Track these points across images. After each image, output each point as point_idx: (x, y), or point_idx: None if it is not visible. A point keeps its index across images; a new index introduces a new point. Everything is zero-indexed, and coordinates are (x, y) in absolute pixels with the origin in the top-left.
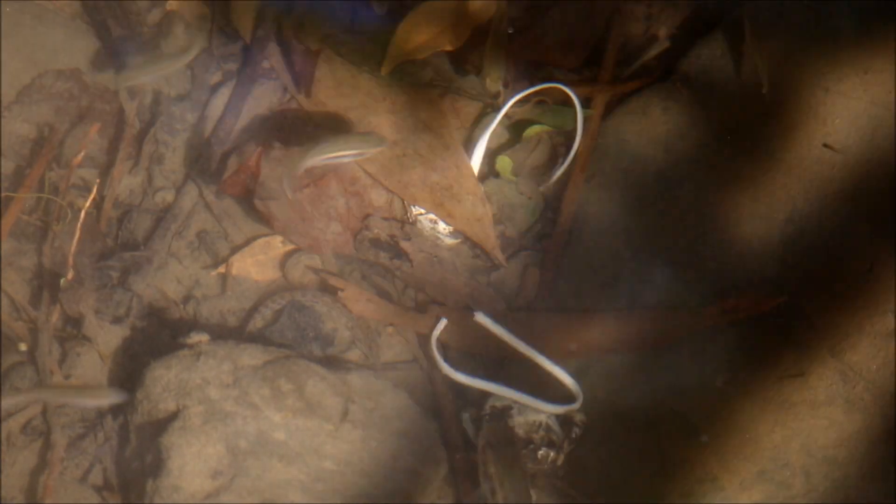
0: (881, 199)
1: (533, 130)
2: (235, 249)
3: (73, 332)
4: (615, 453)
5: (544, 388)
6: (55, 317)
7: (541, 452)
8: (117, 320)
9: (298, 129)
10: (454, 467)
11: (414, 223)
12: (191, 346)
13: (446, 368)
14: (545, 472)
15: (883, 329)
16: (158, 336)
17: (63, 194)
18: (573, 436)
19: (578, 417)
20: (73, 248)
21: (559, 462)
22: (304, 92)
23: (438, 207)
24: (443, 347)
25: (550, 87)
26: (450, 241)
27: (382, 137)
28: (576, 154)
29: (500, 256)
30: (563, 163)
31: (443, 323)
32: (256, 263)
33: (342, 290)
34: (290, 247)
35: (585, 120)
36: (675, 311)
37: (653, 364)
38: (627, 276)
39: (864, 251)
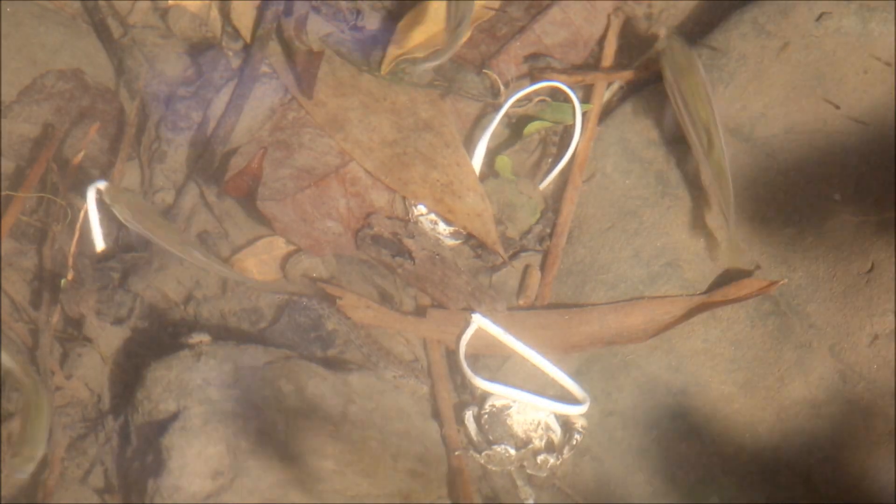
0: None
1: (533, 126)
2: (237, 250)
3: (73, 332)
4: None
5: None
6: (56, 318)
7: (540, 458)
8: (118, 321)
9: (299, 128)
10: (454, 467)
11: (416, 223)
12: (192, 347)
13: (473, 377)
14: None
15: (883, 329)
16: (159, 337)
17: (63, 194)
18: (573, 442)
19: (580, 424)
20: (73, 249)
21: (559, 468)
22: (305, 92)
23: (439, 203)
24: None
25: (551, 86)
26: (451, 241)
27: None
28: (574, 152)
29: (501, 251)
30: (560, 160)
31: (473, 328)
32: (259, 263)
33: (340, 298)
34: (292, 247)
35: (584, 116)
36: (678, 297)
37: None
38: (629, 276)
39: (864, 251)
